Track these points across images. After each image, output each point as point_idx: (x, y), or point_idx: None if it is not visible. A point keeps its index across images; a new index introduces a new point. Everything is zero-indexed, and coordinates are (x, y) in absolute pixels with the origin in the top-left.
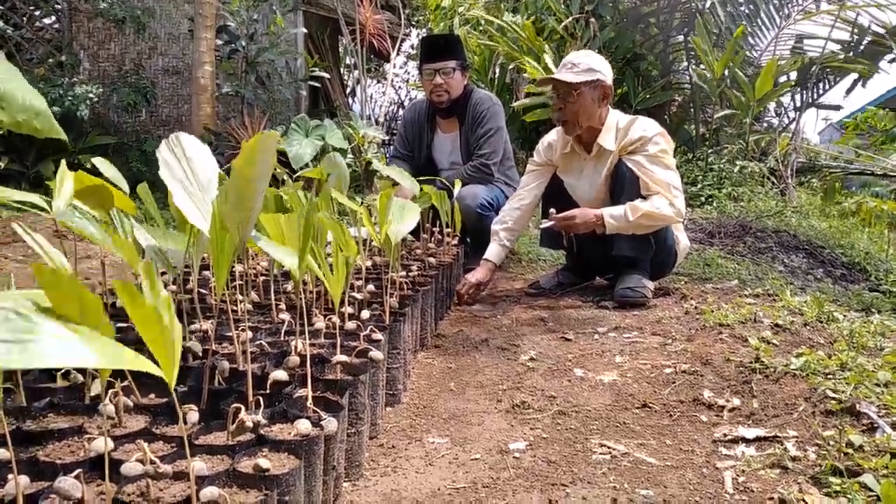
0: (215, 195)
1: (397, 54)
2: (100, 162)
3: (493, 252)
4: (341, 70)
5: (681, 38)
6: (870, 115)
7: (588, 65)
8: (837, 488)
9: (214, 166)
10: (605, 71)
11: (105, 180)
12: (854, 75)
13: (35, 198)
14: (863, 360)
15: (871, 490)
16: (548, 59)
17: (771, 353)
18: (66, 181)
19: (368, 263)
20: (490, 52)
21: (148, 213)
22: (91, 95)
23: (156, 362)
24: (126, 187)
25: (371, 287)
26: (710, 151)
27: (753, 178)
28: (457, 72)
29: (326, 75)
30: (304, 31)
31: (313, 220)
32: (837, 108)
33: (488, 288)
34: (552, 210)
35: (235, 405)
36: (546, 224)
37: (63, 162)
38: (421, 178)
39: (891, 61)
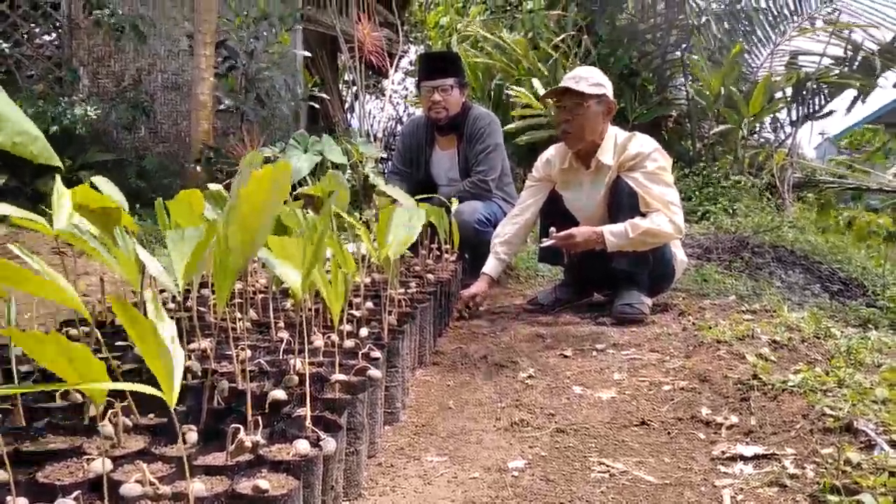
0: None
1: (395, 71)
2: (99, 180)
3: (490, 266)
4: (340, 86)
5: (678, 54)
6: (866, 133)
7: (595, 79)
8: None
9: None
10: (608, 86)
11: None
12: (853, 92)
13: (36, 216)
14: (860, 377)
15: None
16: (536, 82)
17: (769, 369)
18: (63, 199)
19: (367, 280)
20: (486, 68)
21: (148, 231)
22: (90, 114)
23: (154, 381)
24: (126, 205)
25: (370, 304)
26: (706, 167)
27: (749, 194)
28: (455, 89)
29: (326, 96)
30: (307, 53)
31: (323, 243)
32: (830, 112)
33: (486, 301)
34: (552, 228)
35: (234, 425)
36: (546, 242)
37: (58, 179)
38: (419, 196)
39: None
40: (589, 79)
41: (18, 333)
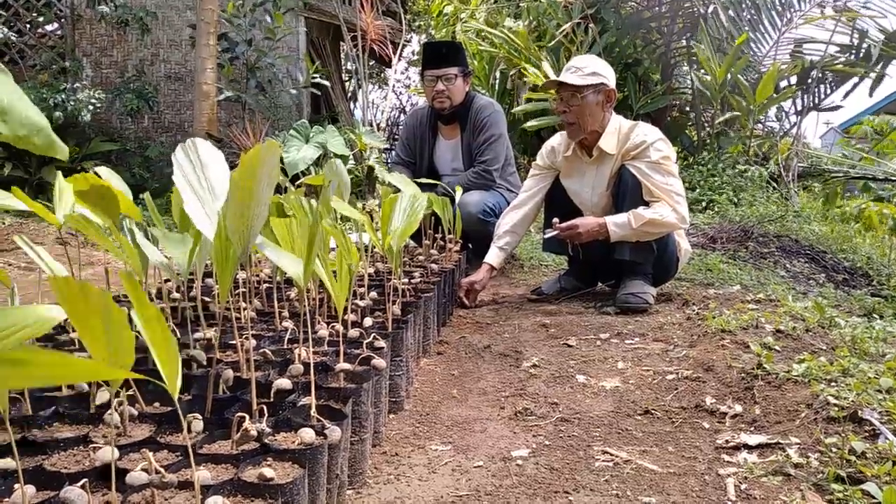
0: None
1: (398, 60)
2: (103, 170)
3: (492, 255)
4: (343, 76)
5: (682, 42)
6: (882, 124)
7: (593, 68)
8: (840, 495)
9: (227, 174)
10: (608, 75)
11: None
12: (854, 79)
13: (40, 207)
14: (865, 367)
15: (873, 497)
16: (546, 65)
17: (773, 359)
18: (65, 192)
19: (371, 270)
20: (491, 57)
21: (151, 221)
22: (94, 100)
23: (158, 373)
24: (130, 195)
25: (374, 294)
26: (710, 156)
27: (755, 183)
28: (459, 78)
29: (327, 83)
30: (304, 29)
31: (318, 229)
32: (837, 108)
33: (486, 291)
34: (555, 220)
35: (239, 414)
36: (550, 234)
37: (59, 173)
38: (423, 183)
39: (884, 65)
40: (584, 69)
41: (63, 281)
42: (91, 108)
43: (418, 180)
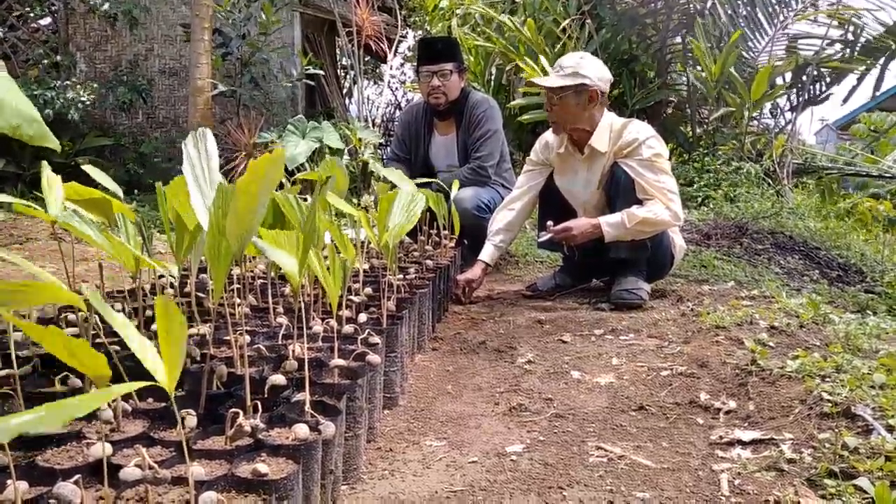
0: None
1: (394, 56)
2: (92, 169)
3: (486, 252)
4: (338, 71)
5: (678, 39)
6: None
7: (574, 69)
8: (833, 490)
9: (218, 167)
10: (593, 74)
11: (97, 187)
12: (852, 81)
13: (33, 204)
14: (858, 363)
15: (865, 492)
16: (543, 60)
17: (767, 355)
18: (54, 187)
19: (366, 266)
20: (486, 53)
21: (145, 217)
22: (83, 99)
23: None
24: (120, 192)
25: (369, 290)
26: (706, 152)
27: (749, 180)
28: (454, 74)
29: (321, 72)
30: (299, 24)
31: (313, 226)
32: (828, 96)
33: (481, 287)
34: (549, 222)
35: (233, 410)
36: (544, 237)
37: (46, 167)
38: (418, 181)
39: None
40: (566, 69)
41: (34, 327)
42: (80, 106)
43: (414, 179)
